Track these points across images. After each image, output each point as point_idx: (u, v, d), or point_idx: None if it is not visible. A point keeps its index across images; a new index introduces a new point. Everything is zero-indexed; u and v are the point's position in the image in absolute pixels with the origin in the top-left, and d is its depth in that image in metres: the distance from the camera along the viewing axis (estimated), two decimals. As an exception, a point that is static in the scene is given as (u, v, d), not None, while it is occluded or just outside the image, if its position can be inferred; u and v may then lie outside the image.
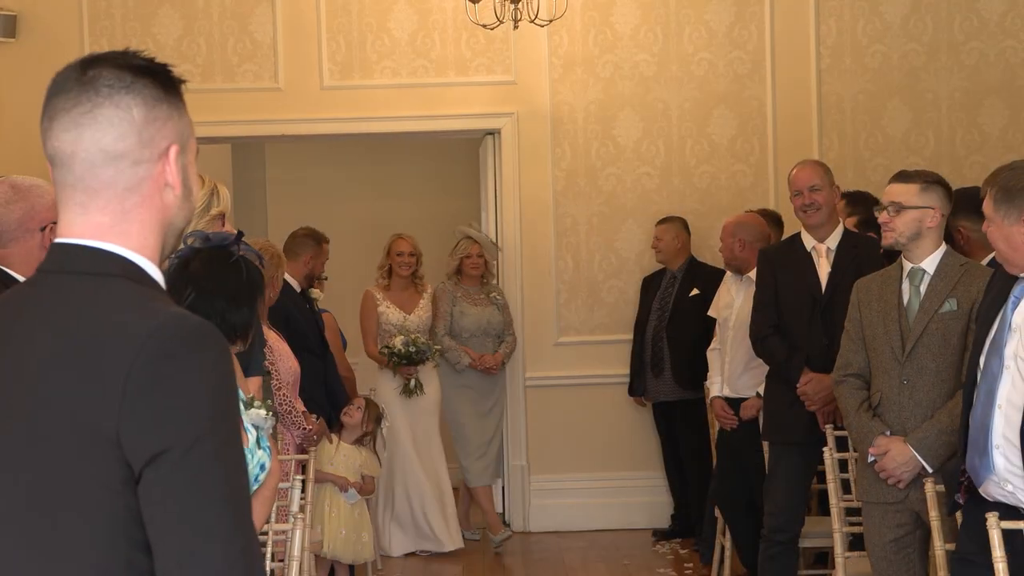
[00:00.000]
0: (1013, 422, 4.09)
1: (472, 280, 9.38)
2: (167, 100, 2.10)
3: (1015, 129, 9.53)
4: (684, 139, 9.55)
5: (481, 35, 9.22)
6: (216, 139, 10.03)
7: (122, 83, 2.05)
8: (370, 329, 9.16)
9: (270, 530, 4.95)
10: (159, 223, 2.11)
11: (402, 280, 9.19)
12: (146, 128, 2.07)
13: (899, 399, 5.12)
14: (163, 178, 2.09)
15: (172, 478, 1.92)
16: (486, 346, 9.32)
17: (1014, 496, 4.14)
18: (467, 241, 9.36)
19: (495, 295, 9.45)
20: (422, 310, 9.17)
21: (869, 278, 5.38)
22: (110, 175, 2.06)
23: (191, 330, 1.97)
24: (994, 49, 9.53)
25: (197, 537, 1.92)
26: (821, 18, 9.54)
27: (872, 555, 5.20)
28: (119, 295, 2.02)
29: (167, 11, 9.40)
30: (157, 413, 1.92)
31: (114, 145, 2.05)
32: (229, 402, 1.99)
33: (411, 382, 8.96)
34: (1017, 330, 4.16)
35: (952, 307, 4.99)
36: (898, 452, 5.07)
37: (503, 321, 9.41)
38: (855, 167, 9.32)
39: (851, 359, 5.31)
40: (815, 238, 6.53)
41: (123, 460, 1.93)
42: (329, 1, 9.45)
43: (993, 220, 4.22)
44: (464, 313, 9.31)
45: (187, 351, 1.95)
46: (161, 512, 1.92)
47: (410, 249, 9.19)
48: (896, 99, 9.55)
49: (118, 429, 1.92)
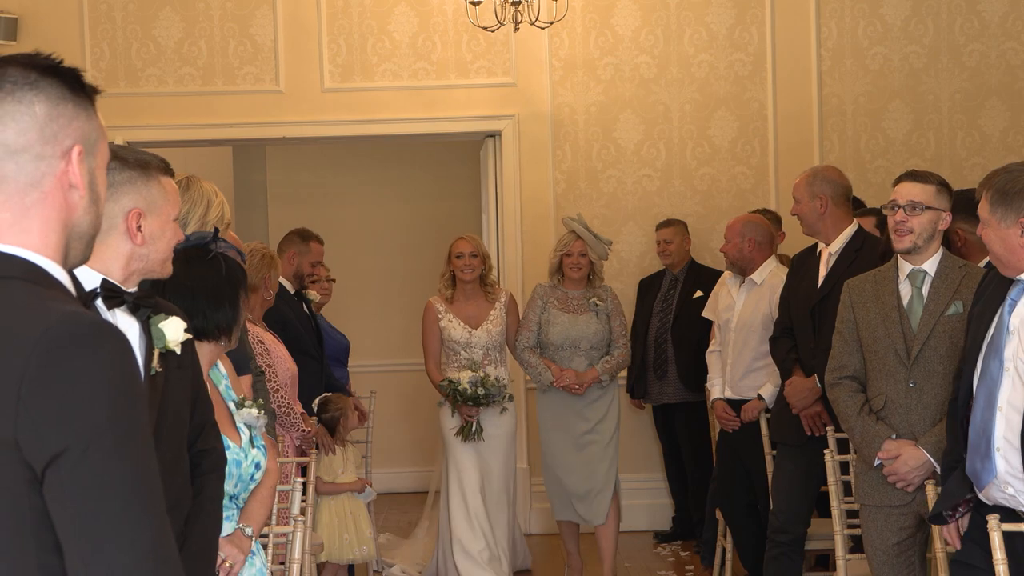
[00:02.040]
0: (1014, 424, 4.08)
1: (573, 283, 8.03)
2: (73, 100, 2.09)
3: (1016, 131, 9.52)
4: (685, 141, 9.54)
5: (482, 37, 9.22)
6: (217, 142, 10.07)
7: (26, 80, 2.05)
8: (431, 347, 8.03)
9: (271, 532, 4.95)
10: (61, 223, 2.08)
11: (468, 288, 8.03)
12: (48, 125, 2.06)
13: (906, 403, 5.08)
14: (66, 178, 2.07)
15: (72, 478, 1.90)
16: (574, 363, 7.99)
17: (1015, 499, 4.13)
18: (569, 236, 8.07)
19: (595, 301, 8.03)
20: (492, 323, 8.01)
21: (861, 278, 5.33)
22: (11, 169, 2.04)
23: (85, 329, 1.94)
24: (995, 51, 9.53)
25: (101, 536, 1.90)
26: (822, 20, 9.53)
27: (873, 558, 5.18)
28: (16, 297, 1.98)
29: (168, 14, 9.39)
30: (52, 414, 1.89)
31: (15, 139, 2.04)
32: (129, 398, 1.95)
33: (472, 425, 7.87)
34: (1015, 332, 4.15)
35: (958, 309, 4.96)
36: (910, 456, 5.03)
37: (602, 332, 8.01)
38: (856, 169, 9.30)
39: (846, 361, 5.27)
40: (822, 242, 6.51)
41: (24, 462, 1.91)
42: (330, 4, 9.44)
43: (989, 223, 4.20)
44: (551, 322, 7.99)
45: (80, 350, 1.92)
46: (65, 512, 1.91)
47: (471, 249, 8.00)
48: (897, 101, 9.55)
49: (16, 433, 1.89)
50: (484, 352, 7.97)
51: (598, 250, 8.04)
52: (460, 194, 11.32)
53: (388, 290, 11.48)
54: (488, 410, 7.86)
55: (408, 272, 11.34)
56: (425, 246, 11.02)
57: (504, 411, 7.95)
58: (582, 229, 8.02)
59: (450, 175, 11.57)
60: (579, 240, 7.98)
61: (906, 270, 5.15)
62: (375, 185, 11.78)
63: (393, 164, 11.73)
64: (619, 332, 8.05)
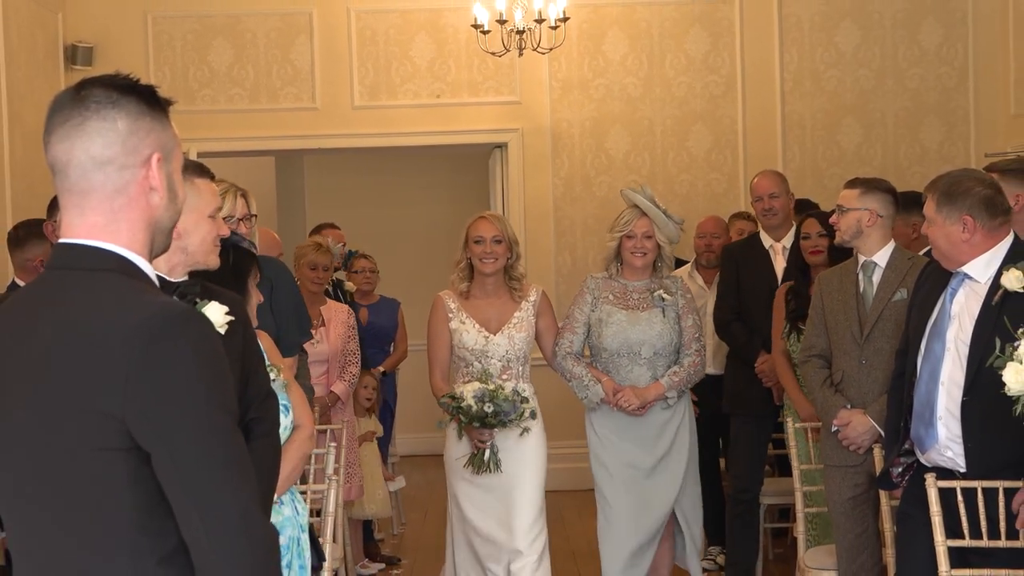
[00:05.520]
0: (955, 397, 4.08)
1: (635, 272, 5.59)
2: (150, 115, 2.07)
3: (950, 144, 9.51)
4: (667, 151, 9.52)
5: (490, 61, 9.20)
6: (262, 152, 10.07)
7: (109, 99, 2.04)
8: (438, 354, 5.50)
9: (308, 489, 4.93)
10: (146, 222, 2.07)
11: (488, 282, 5.50)
12: (130, 138, 2.04)
13: (858, 377, 5.09)
14: (147, 182, 2.06)
15: (178, 451, 1.90)
16: (633, 374, 5.51)
17: (952, 461, 4.12)
18: (632, 212, 5.61)
19: (661, 294, 5.55)
20: (516, 328, 5.44)
21: (831, 271, 5.35)
22: (100, 179, 2.04)
23: (178, 317, 1.95)
24: (932, 75, 9.52)
25: (210, 502, 1.90)
26: (784, 47, 9.51)
27: (832, 510, 5.18)
28: (114, 288, 1.99)
29: (220, 42, 9.38)
30: (157, 394, 1.89)
31: (101, 152, 2.03)
32: (220, 374, 1.96)
33: (483, 453, 5.29)
34: (956, 317, 4.14)
35: (903, 296, 4.95)
36: (859, 423, 5.04)
37: (668, 335, 5.51)
38: (814, 176, 9.31)
39: (814, 342, 5.26)
40: (772, 238, 6.62)
41: (126, 433, 1.91)
42: (359, 33, 9.43)
43: (935, 221, 4.18)
44: (605, 321, 5.51)
45: (177, 335, 1.92)
46: (175, 482, 1.91)
47: (495, 232, 5.50)
48: (849, 117, 9.53)
49: (124, 410, 1.90)
50: (504, 364, 5.45)
51: (667, 231, 5.60)
52: (471, 198, 11.28)
53: (408, 282, 11.46)
54: (506, 432, 5.34)
55: (426, 267, 11.31)
56: (438, 247, 10.99)
57: (526, 432, 5.36)
58: (648, 204, 5.59)
59: (462, 181, 11.56)
60: (644, 217, 5.57)
61: (861, 262, 5.15)
62: (397, 190, 11.80)
63: (413, 171, 11.73)
64: (691, 335, 5.57)
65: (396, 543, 8.31)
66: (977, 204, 4.10)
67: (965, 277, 4.15)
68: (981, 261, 4.12)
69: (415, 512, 9.05)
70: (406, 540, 8.40)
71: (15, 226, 5.98)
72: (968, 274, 4.14)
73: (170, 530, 1.93)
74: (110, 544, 1.93)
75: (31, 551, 1.99)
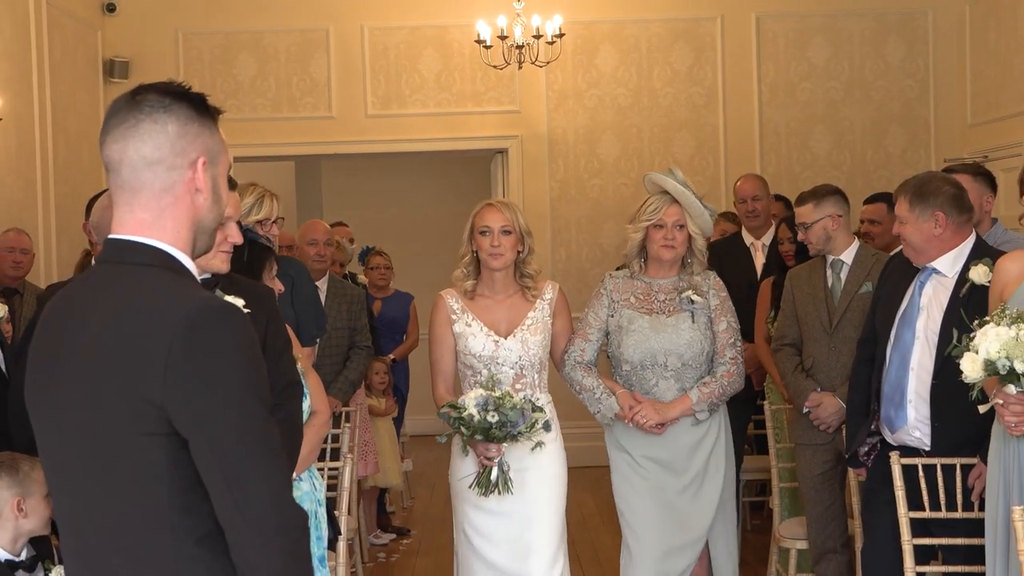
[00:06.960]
0: (924, 382, 4.09)
1: (662, 268, 4.53)
2: (199, 120, 2.04)
3: (912, 150, 9.53)
4: (654, 156, 9.52)
5: (492, 74, 9.21)
6: (282, 158, 10.06)
7: (161, 104, 2.02)
8: (441, 361, 4.43)
9: (326, 466, 4.96)
10: (190, 221, 2.04)
11: (497, 278, 4.42)
12: (179, 140, 2.01)
13: (828, 362, 5.11)
14: (193, 184, 2.03)
15: (215, 438, 1.88)
16: (659, 387, 4.45)
17: (920, 440, 4.14)
18: (661, 199, 4.53)
19: (691, 295, 4.48)
20: (530, 330, 4.38)
21: (800, 268, 5.37)
22: (149, 178, 2.01)
23: (217, 310, 1.92)
24: (896, 87, 9.53)
25: (246, 486, 1.88)
26: (761, 61, 9.52)
27: (803, 485, 5.21)
28: (158, 281, 1.97)
29: (244, 57, 9.39)
30: (197, 383, 1.87)
31: (152, 153, 2.01)
32: (255, 364, 1.94)
33: (490, 471, 4.17)
34: (925, 308, 4.15)
35: (868, 289, 4.98)
36: (829, 404, 5.07)
37: (699, 342, 4.45)
38: (788, 179, 9.31)
39: (786, 332, 5.29)
40: (753, 236, 6.66)
41: (165, 419, 1.89)
42: (372, 48, 9.43)
43: (908, 219, 4.17)
44: (625, 327, 4.46)
45: (217, 327, 1.90)
46: (212, 467, 1.89)
47: (503, 222, 4.40)
48: (820, 126, 9.54)
49: (163, 398, 1.87)
50: (516, 372, 4.36)
51: (701, 221, 4.51)
52: (474, 200, 11.06)
53: (417, 277, 11.47)
54: (517, 447, 4.20)
55: (433, 263, 11.32)
56: (441, 247, 10.98)
57: (539, 447, 4.24)
58: (680, 188, 4.48)
59: (466, 184, 11.55)
60: (675, 204, 4.49)
61: (829, 260, 5.18)
62: (406, 191, 11.80)
63: (422, 175, 11.74)
64: (725, 340, 4.49)
65: (406, 515, 8.34)
66: (947, 202, 4.12)
67: (933, 272, 4.17)
68: (948, 258, 4.14)
69: (423, 488, 9.08)
70: (415, 513, 8.43)
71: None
72: (936, 269, 4.15)
73: (207, 512, 1.91)
74: (150, 523, 1.91)
75: (80, 527, 1.98)
